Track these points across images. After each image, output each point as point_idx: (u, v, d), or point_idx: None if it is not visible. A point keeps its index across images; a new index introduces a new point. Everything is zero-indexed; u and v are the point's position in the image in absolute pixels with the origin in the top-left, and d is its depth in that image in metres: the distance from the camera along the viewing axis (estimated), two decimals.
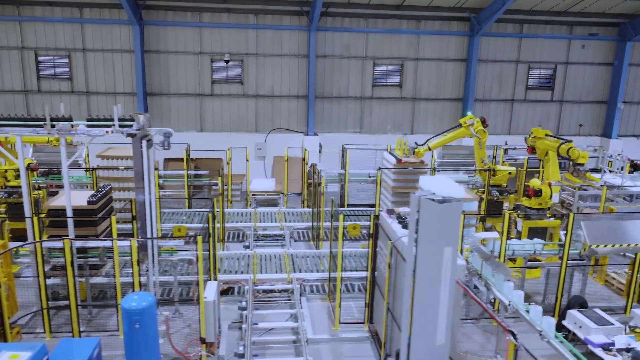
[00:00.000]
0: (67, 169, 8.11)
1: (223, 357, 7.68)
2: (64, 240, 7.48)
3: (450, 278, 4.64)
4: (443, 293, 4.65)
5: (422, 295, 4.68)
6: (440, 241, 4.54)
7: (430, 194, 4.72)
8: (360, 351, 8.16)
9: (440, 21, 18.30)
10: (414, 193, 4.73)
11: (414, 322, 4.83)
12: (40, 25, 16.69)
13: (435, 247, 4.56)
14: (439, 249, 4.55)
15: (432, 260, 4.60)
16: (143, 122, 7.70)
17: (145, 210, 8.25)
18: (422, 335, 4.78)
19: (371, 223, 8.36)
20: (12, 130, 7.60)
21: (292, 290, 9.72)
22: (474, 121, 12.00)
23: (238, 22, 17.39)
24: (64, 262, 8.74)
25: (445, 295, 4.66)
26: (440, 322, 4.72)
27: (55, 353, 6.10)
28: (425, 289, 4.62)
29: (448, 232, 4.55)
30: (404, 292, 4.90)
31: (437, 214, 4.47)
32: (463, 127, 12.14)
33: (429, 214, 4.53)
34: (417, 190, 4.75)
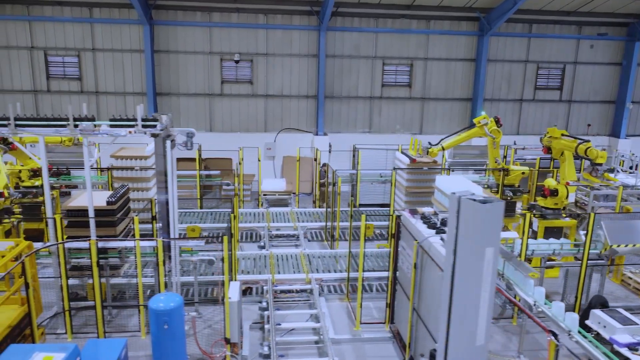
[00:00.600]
0: (89, 170, 8.06)
1: (246, 358, 7.67)
2: (90, 240, 7.44)
3: (492, 278, 4.62)
4: (484, 293, 4.64)
5: (462, 296, 4.66)
6: (481, 241, 4.53)
7: (470, 194, 4.71)
8: (382, 351, 8.15)
9: (450, 21, 18.30)
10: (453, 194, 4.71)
11: (452, 323, 4.82)
12: (49, 25, 16.66)
13: (476, 248, 4.54)
14: (481, 249, 4.53)
15: (473, 261, 4.59)
16: (166, 122, 7.67)
17: (167, 211, 8.23)
18: (462, 335, 4.76)
19: (392, 223, 8.35)
20: (35, 130, 7.56)
21: (310, 291, 9.70)
22: (488, 121, 11.98)
23: (248, 21, 17.37)
24: (84, 263, 8.78)
25: (486, 295, 4.65)
26: (480, 322, 4.71)
27: (84, 354, 6.07)
28: (465, 289, 4.61)
29: (490, 232, 4.53)
30: (441, 292, 4.88)
31: (479, 214, 4.46)
32: (477, 127, 12.13)
33: (470, 214, 4.52)
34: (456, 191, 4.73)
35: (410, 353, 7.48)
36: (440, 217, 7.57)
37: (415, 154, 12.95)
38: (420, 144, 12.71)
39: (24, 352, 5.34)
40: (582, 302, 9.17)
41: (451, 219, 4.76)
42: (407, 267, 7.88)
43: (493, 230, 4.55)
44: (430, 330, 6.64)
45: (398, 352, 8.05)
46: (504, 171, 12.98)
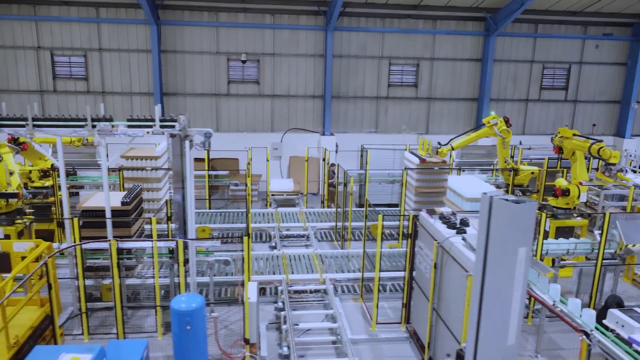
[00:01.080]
0: (106, 171, 8.04)
1: (265, 358, 7.65)
2: (111, 241, 7.42)
3: (524, 278, 4.63)
4: (516, 293, 4.64)
5: (494, 296, 4.66)
6: (514, 241, 4.53)
7: (502, 194, 4.70)
8: (400, 351, 8.15)
9: (456, 21, 18.31)
10: (486, 194, 4.71)
11: (482, 322, 4.82)
12: (56, 25, 16.61)
13: (509, 248, 4.55)
14: (513, 249, 4.53)
15: (506, 261, 4.59)
16: (184, 123, 7.66)
17: (183, 211, 8.21)
18: (493, 335, 4.76)
19: (410, 223, 8.34)
20: (52, 130, 7.54)
21: (324, 291, 9.70)
22: (498, 121, 12.00)
23: (255, 21, 17.35)
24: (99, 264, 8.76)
25: (518, 295, 4.65)
26: (512, 322, 4.72)
27: (108, 355, 6.05)
28: (497, 289, 4.61)
29: (523, 232, 4.53)
30: (472, 292, 4.87)
31: (512, 214, 4.46)
32: (487, 126, 12.14)
33: (502, 214, 4.52)
34: (489, 191, 4.72)
35: (430, 353, 7.48)
36: (459, 217, 7.57)
37: (425, 154, 12.96)
38: (430, 144, 12.71)
39: (51, 353, 5.32)
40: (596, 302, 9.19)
41: (482, 219, 4.76)
42: (425, 267, 7.88)
43: (526, 230, 4.56)
44: (452, 330, 6.65)
45: (416, 352, 8.05)
46: (513, 171, 13.02)
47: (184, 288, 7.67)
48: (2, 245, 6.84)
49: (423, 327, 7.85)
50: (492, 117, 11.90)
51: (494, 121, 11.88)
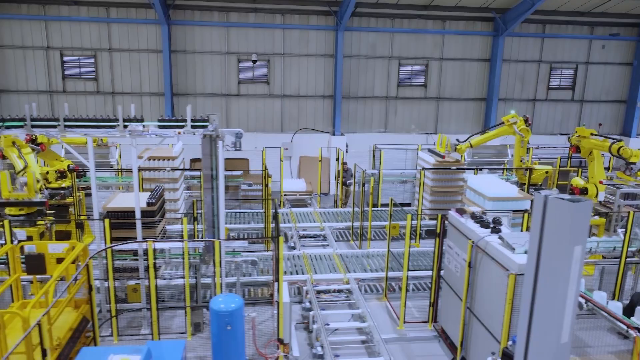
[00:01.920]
0: (136, 172, 8.01)
1: (297, 358, 7.65)
2: (149, 242, 7.40)
3: (579, 276, 4.67)
4: (570, 291, 4.67)
5: (548, 294, 4.69)
6: (571, 240, 4.56)
7: (556, 194, 4.74)
8: (429, 350, 8.18)
9: (465, 21, 18.40)
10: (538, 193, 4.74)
11: (534, 321, 4.85)
12: (66, 25, 16.51)
13: (565, 247, 4.57)
14: (569, 248, 4.56)
15: (561, 259, 4.61)
16: (216, 123, 7.65)
17: (213, 211, 8.20)
18: (546, 333, 4.80)
19: (438, 223, 8.38)
20: (83, 131, 7.50)
21: (349, 290, 9.72)
22: (517, 120, 12.06)
23: (265, 22, 17.34)
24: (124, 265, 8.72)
25: (572, 293, 4.68)
26: (566, 320, 4.75)
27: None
28: (552, 287, 4.64)
29: (579, 230, 4.56)
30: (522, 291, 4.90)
31: (569, 213, 4.49)
32: (506, 125, 12.20)
33: (558, 214, 4.54)
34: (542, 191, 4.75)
35: (462, 353, 7.52)
36: (491, 216, 7.62)
37: (444, 150, 12.98)
38: (449, 141, 12.75)
39: (99, 354, 5.31)
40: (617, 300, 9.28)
41: (535, 219, 4.79)
42: (455, 266, 7.92)
43: (582, 229, 4.59)
44: (490, 328, 6.68)
45: (446, 351, 8.09)
46: (529, 170, 13.10)
47: (220, 289, 7.65)
48: (37, 246, 6.79)
49: (453, 326, 7.88)
50: (512, 116, 11.96)
51: (514, 120, 11.94)
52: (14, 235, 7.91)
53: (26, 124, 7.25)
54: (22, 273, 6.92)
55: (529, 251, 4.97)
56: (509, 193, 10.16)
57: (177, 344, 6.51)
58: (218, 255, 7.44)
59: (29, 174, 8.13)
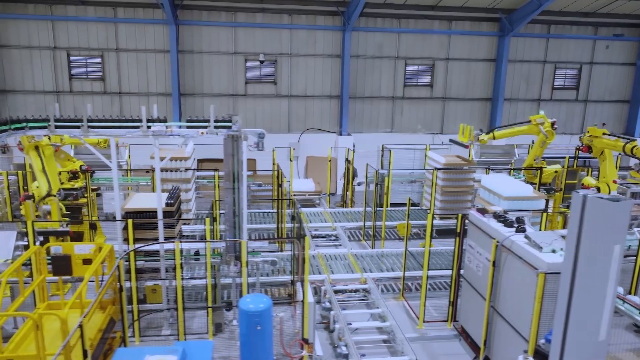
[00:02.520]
0: (159, 172, 7.99)
1: (320, 358, 7.67)
2: (176, 242, 7.39)
3: (617, 274, 4.72)
4: (609, 289, 4.73)
5: (586, 292, 4.75)
6: (611, 239, 4.62)
7: (595, 193, 4.79)
8: (451, 349, 8.22)
9: (471, 22, 18.49)
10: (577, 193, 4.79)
11: (571, 319, 4.90)
12: (73, 25, 16.44)
13: (605, 245, 4.63)
14: (609, 247, 4.62)
15: (600, 258, 4.68)
16: (240, 123, 7.65)
17: (234, 212, 8.20)
18: (583, 331, 4.85)
19: (458, 222, 8.42)
20: (107, 131, 7.48)
21: (366, 290, 9.75)
22: (544, 120, 12.08)
23: (272, 22, 17.35)
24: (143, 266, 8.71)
25: (611, 291, 4.74)
26: (604, 318, 4.81)
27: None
28: (590, 285, 4.70)
29: (619, 229, 4.62)
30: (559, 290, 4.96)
31: (609, 212, 4.55)
32: (532, 124, 12.18)
33: (598, 213, 4.60)
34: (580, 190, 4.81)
35: (485, 351, 7.56)
36: (514, 216, 7.66)
37: (467, 140, 12.96)
38: (472, 131, 12.73)
39: (134, 355, 5.30)
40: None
41: (574, 218, 4.84)
42: (476, 265, 7.96)
43: (622, 228, 4.65)
44: (517, 327, 6.72)
45: (468, 350, 8.13)
46: (540, 170, 13.17)
47: (246, 289, 7.65)
48: (63, 247, 6.77)
49: (475, 324, 7.93)
50: (540, 116, 12.00)
51: (541, 120, 11.98)
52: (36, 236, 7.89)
53: (50, 125, 7.21)
54: (47, 274, 6.90)
55: (566, 250, 5.02)
56: (525, 192, 10.21)
57: (205, 344, 6.50)
58: (244, 255, 7.44)
59: (53, 204, 8.15)
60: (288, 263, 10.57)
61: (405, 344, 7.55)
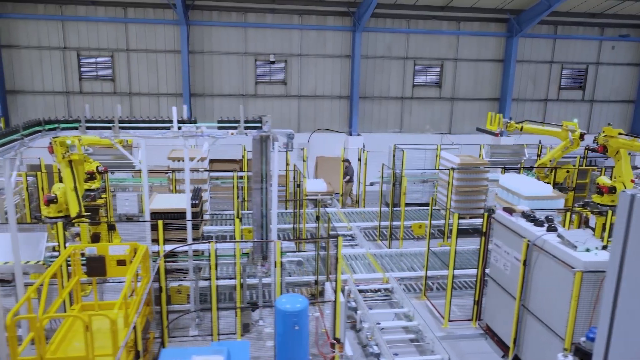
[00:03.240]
0: (188, 173, 8.00)
1: (350, 357, 7.71)
2: (211, 243, 7.40)
3: None
4: None
5: (634, 291, 4.80)
6: None
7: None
8: (478, 348, 8.28)
9: (479, 22, 18.59)
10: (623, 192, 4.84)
11: (617, 318, 4.95)
12: (83, 25, 16.38)
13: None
14: None
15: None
16: (270, 124, 7.67)
17: (262, 212, 8.22)
18: (630, 330, 4.90)
19: (484, 222, 8.48)
20: (138, 132, 7.47)
21: (388, 289, 9.79)
22: (576, 129, 12.17)
23: (282, 22, 17.36)
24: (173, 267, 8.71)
25: None
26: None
27: None
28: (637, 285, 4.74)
29: None
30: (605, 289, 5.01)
31: None
32: (562, 128, 12.28)
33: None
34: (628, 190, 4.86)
35: (515, 350, 7.62)
36: (543, 215, 7.73)
37: (496, 128, 13.00)
38: (501, 118, 12.81)
39: (180, 355, 5.31)
40: None
41: (620, 217, 4.89)
42: (504, 264, 8.03)
43: None
44: (551, 326, 6.78)
45: (495, 349, 8.19)
46: (554, 170, 13.28)
47: (280, 290, 7.67)
48: (97, 248, 6.77)
49: (503, 323, 7.99)
50: (572, 123, 12.12)
51: (571, 127, 12.08)
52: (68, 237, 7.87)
53: (81, 125, 7.19)
54: (82, 275, 6.89)
55: (612, 248, 5.07)
56: (544, 192, 10.30)
57: (242, 344, 6.53)
58: (279, 255, 7.45)
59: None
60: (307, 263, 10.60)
61: (436, 342, 7.60)
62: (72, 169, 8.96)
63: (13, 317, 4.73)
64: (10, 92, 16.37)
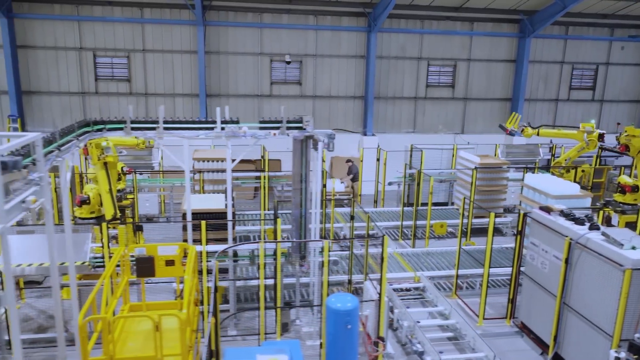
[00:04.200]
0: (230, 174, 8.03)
1: (392, 356, 7.78)
2: (260, 242, 7.43)
3: None
4: None
5: None
6: None
7: None
8: (516, 345, 8.37)
9: (492, 23, 18.72)
10: None
11: None
12: (99, 25, 16.33)
13: None
14: None
15: None
16: (312, 124, 7.72)
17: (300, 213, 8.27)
18: None
19: (519, 221, 8.58)
20: (180, 133, 7.51)
21: (420, 288, 9.87)
22: (592, 130, 12.30)
23: (298, 22, 17.40)
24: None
25: None
26: None
27: None
28: None
29: None
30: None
31: None
32: (579, 131, 12.41)
33: None
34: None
35: (555, 348, 7.71)
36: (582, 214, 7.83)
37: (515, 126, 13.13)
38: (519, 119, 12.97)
39: (245, 355, 5.36)
40: None
41: None
42: (541, 263, 8.12)
43: None
44: (596, 323, 6.87)
45: (532, 346, 8.29)
46: (574, 169, 13.42)
47: (327, 289, 7.71)
48: (147, 249, 6.79)
49: (541, 321, 8.09)
50: (590, 125, 12.25)
51: (589, 129, 12.21)
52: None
53: (126, 126, 7.22)
54: (130, 276, 6.91)
55: None
56: (572, 191, 10.44)
57: (293, 343, 6.57)
58: (326, 255, 7.50)
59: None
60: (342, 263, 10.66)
61: (478, 340, 7.68)
62: (107, 170, 8.97)
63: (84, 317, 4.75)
64: (25, 92, 16.30)
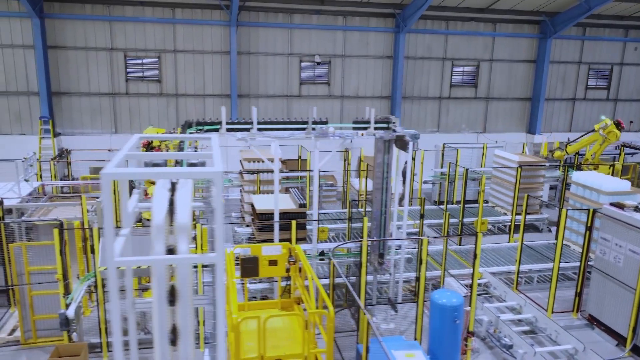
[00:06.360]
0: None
1: (478, 349, 7.98)
2: (363, 241, 7.53)
3: None
4: None
5: None
6: None
7: None
8: (589, 337, 8.63)
9: (514, 24, 19.11)
10: None
11: None
12: (130, 26, 16.21)
13: None
14: None
15: None
16: (399, 124, 7.87)
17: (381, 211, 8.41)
18: None
19: (589, 217, 8.87)
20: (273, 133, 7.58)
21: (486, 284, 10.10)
22: (606, 124, 12.76)
23: (327, 23, 17.52)
24: None
25: None
26: None
27: None
28: None
29: None
30: None
31: None
32: (595, 131, 12.90)
33: None
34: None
35: (634, 341, 8.00)
36: None
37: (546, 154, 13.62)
38: (546, 146, 13.45)
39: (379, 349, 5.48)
40: None
41: None
42: (614, 257, 8.41)
43: None
44: None
45: (606, 337, 8.57)
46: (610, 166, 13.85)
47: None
48: (251, 249, 6.85)
49: (613, 314, 8.38)
50: (603, 122, 12.69)
51: (603, 125, 12.66)
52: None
53: (221, 127, 7.27)
54: (235, 276, 6.96)
55: None
56: (624, 187, 10.80)
57: (397, 339, 6.73)
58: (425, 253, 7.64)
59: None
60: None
61: (562, 332, 7.93)
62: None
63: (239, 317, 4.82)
64: (55, 93, 16.08)
